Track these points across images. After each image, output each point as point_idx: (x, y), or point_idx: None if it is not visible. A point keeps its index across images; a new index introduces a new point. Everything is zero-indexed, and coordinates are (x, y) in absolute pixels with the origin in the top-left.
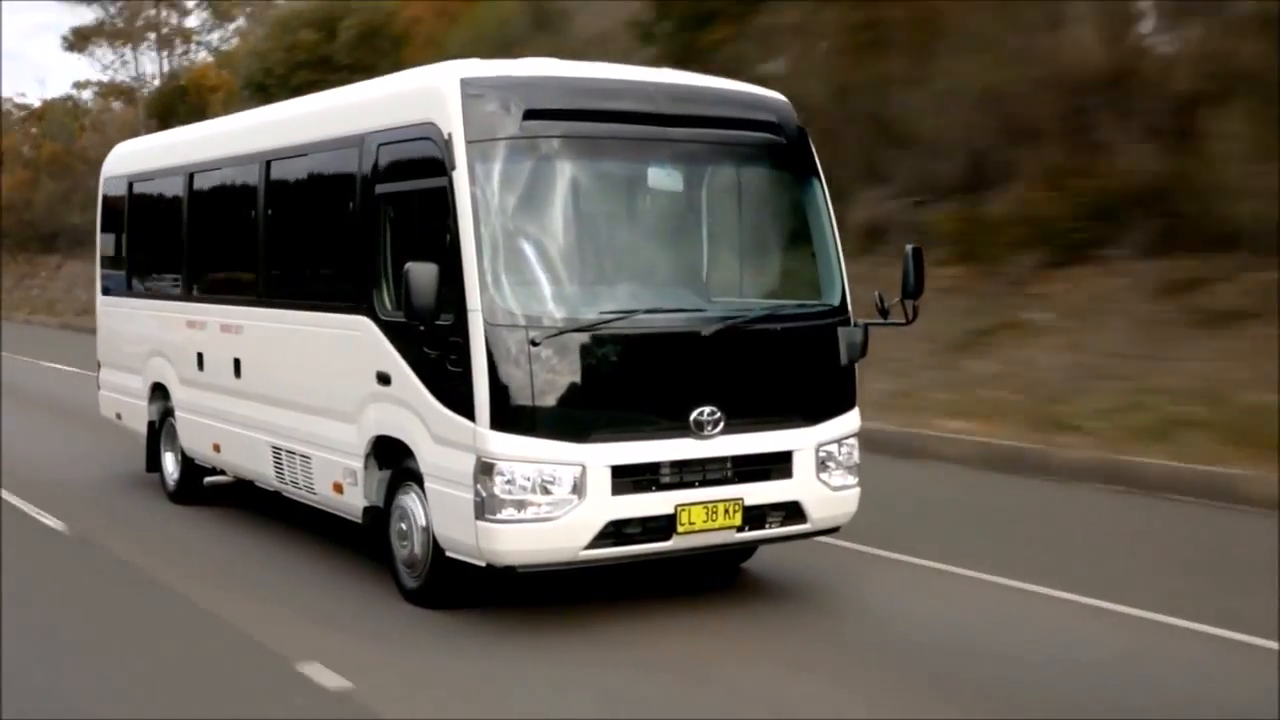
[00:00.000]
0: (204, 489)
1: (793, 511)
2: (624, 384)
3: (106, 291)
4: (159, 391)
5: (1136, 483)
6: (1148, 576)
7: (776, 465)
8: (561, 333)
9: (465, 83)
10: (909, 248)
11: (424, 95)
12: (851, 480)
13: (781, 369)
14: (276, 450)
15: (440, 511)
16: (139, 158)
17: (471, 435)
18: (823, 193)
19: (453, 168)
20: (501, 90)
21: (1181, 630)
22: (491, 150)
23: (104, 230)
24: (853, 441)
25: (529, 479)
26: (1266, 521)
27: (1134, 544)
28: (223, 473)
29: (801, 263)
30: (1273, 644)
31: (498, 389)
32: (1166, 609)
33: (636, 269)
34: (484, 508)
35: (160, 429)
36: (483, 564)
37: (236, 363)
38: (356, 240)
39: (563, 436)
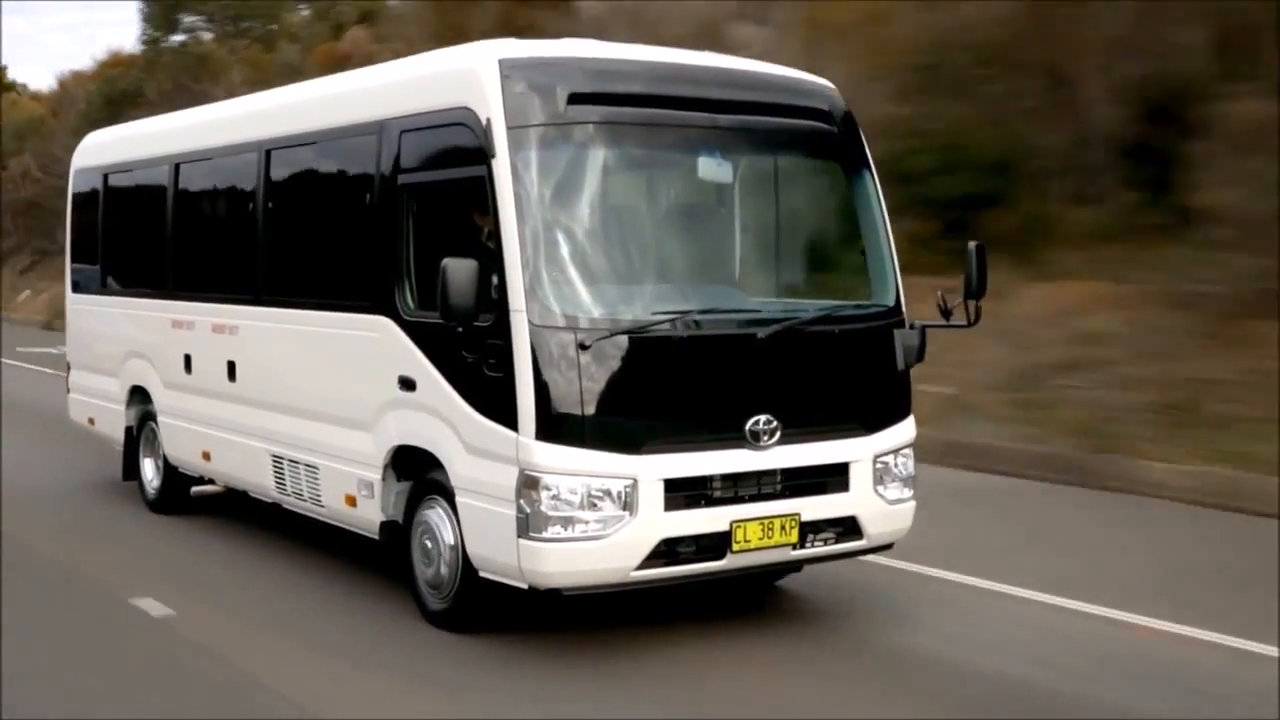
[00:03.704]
0: (189, 498)
1: (849, 527)
2: (677, 390)
3: (78, 288)
4: (138, 395)
5: None
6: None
7: (833, 478)
8: (612, 335)
9: (504, 63)
10: (972, 245)
11: (457, 78)
12: (907, 493)
13: (838, 374)
14: (277, 459)
15: (475, 529)
16: (115, 148)
17: (514, 446)
18: (874, 185)
19: (492, 156)
20: (543, 72)
21: None
22: (534, 137)
23: (75, 225)
24: (909, 452)
25: (576, 494)
26: None
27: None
28: (212, 482)
29: (854, 260)
30: None
31: (543, 396)
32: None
33: (688, 266)
34: (528, 525)
35: (139, 435)
36: (524, 586)
37: (231, 365)
38: (375, 235)
39: (613, 447)
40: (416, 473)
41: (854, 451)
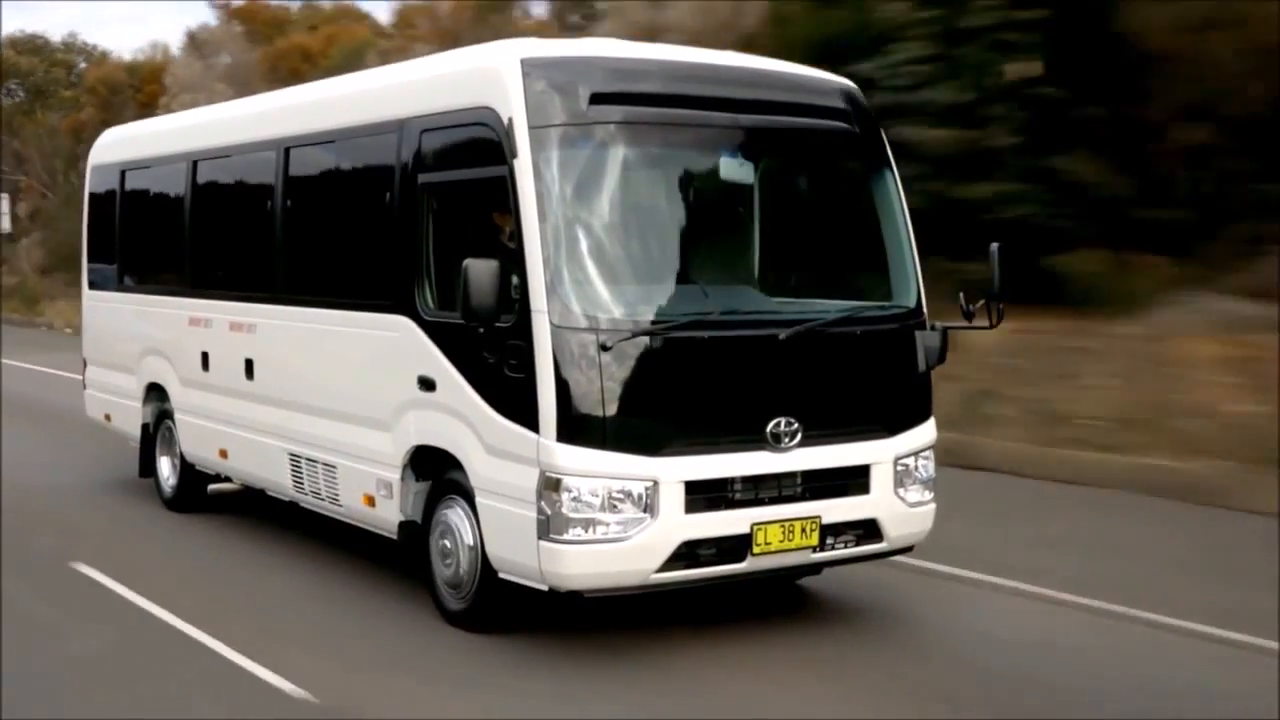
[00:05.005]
0: (206, 496)
1: (869, 530)
2: (699, 392)
3: (94, 286)
4: (155, 392)
5: None
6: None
7: (854, 480)
8: (633, 336)
9: (526, 63)
10: (993, 246)
11: (479, 77)
12: (928, 496)
13: (859, 376)
14: (295, 458)
15: (494, 530)
16: (133, 145)
17: (534, 447)
18: (895, 184)
19: (514, 156)
20: (564, 71)
21: None
22: (556, 137)
23: (91, 222)
24: (929, 454)
25: (597, 495)
26: None
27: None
28: (228, 480)
29: (875, 261)
30: None
31: (564, 397)
32: None
33: (709, 267)
34: (548, 527)
35: (155, 432)
36: (544, 588)
37: (249, 363)
38: (394, 235)
39: (634, 449)
40: (435, 473)
41: (875, 454)
